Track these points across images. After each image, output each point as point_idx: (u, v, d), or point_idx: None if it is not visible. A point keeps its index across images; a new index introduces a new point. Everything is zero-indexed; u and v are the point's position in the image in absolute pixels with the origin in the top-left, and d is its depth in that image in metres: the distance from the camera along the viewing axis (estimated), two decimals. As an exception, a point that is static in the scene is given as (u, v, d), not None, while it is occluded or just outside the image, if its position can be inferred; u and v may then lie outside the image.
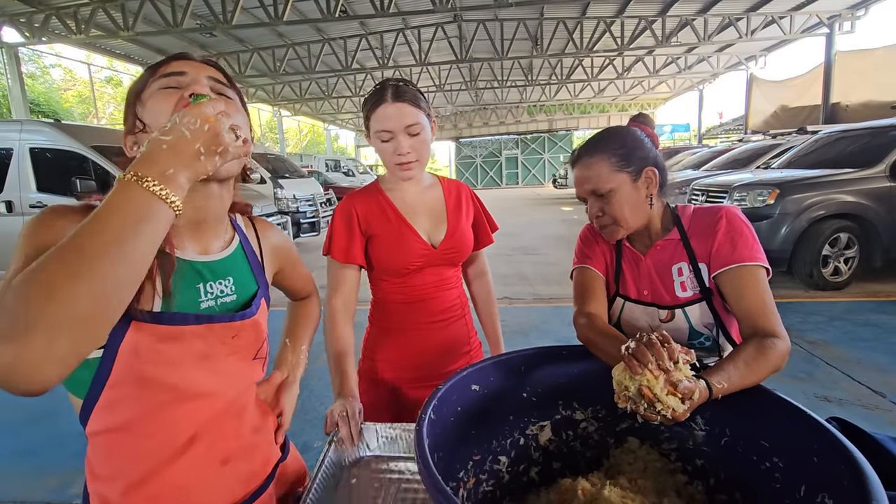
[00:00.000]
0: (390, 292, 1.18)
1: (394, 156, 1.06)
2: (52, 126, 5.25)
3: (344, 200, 1.17)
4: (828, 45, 10.86)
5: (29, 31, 9.18)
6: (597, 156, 0.95)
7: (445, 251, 1.16)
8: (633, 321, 1.03)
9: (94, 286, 0.43)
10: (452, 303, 1.22)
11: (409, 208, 1.16)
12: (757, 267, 0.88)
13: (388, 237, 1.12)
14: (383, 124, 1.04)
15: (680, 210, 1.01)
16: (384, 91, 1.04)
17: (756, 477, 0.68)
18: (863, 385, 2.63)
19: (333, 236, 1.13)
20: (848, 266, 4.42)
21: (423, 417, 0.65)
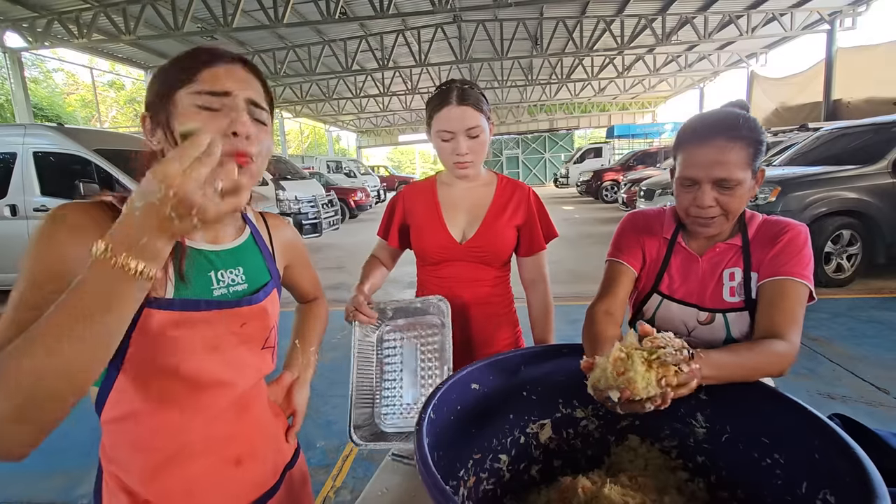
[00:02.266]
0: (424, 277, 1.30)
1: (452, 155, 1.12)
2: (55, 130, 5.27)
3: (401, 191, 1.32)
4: (829, 42, 10.83)
5: (32, 35, 9.23)
6: (738, 142, 0.85)
7: (471, 248, 1.20)
8: (668, 320, 1.00)
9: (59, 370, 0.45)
10: (487, 298, 1.25)
11: (450, 202, 1.23)
12: (801, 284, 0.86)
13: (421, 225, 1.23)
14: (446, 125, 1.10)
15: (748, 217, 0.96)
16: (450, 93, 1.09)
17: (757, 474, 0.67)
18: (866, 382, 2.62)
19: (382, 219, 1.32)
20: (851, 263, 4.40)
21: (422, 417, 0.65)
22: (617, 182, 13.16)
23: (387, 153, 48.09)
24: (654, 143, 19.71)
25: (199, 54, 0.66)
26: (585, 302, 0.99)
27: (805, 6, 10.91)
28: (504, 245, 1.22)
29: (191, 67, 0.65)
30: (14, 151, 5.06)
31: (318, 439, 2.34)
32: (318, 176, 12.51)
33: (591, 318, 0.93)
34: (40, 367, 0.45)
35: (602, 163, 17.69)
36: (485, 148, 1.15)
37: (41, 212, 5.00)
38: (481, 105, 1.11)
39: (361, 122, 27.67)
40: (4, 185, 5.03)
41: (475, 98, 1.10)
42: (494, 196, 1.24)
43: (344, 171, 16.22)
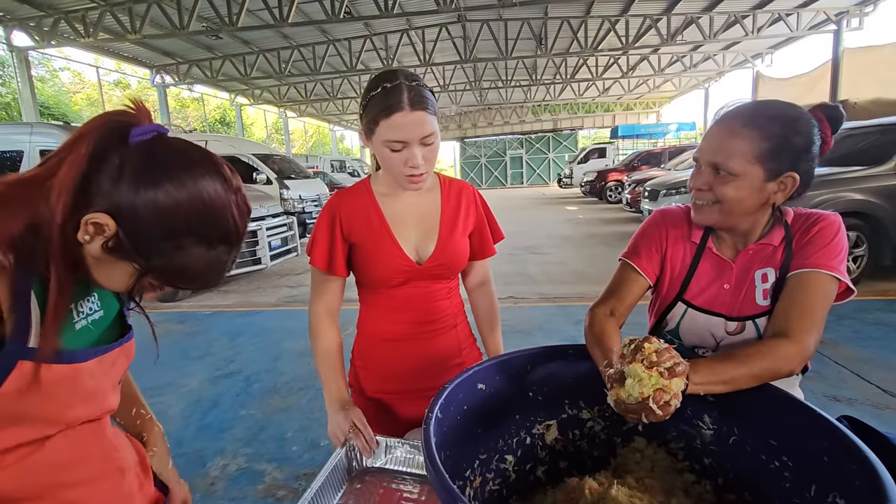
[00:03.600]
0: (374, 302, 1.12)
1: (404, 167, 0.94)
2: (61, 128, 5.31)
3: (331, 200, 1.08)
4: (835, 42, 10.77)
5: (38, 34, 9.29)
6: (748, 129, 0.79)
7: (432, 268, 1.07)
8: (695, 329, 0.94)
9: None
10: (442, 314, 1.13)
11: (397, 216, 1.06)
12: (826, 276, 0.79)
13: (369, 248, 1.04)
14: (397, 134, 0.91)
15: (784, 213, 0.89)
16: (399, 94, 0.89)
17: (765, 476, 0.67)
18: (872, 384, 2.60)
19: (315, 242, 1.06)
20: (857, 265, 4.38)
21: (429, 416, 0.65)
22: (621, 182, 13.12)
23: (390, 153, 47.95)
24: (659, 143, 19.66)
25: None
26: (589, 303, 0.98)
27: (811, 6, 10.85)
28: (463, 257, 1.11)
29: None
30: (21, 149, 5.10)
31: (322, 438, 2.35)
32: (322, 175, 12.54)
33: (593, 319, 0.90)
34: None
35: (606, 163, 17.66)
36: (437, 154, 0.99)
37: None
38: (434, 106, 0.95)
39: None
40: (11, 184, 5.06)
41: (428, 100, 0.93)
42: (442, 203, 1.10)
43: (348, 170, 16.27)
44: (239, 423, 2.53)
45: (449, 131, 28.52)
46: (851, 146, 4.89)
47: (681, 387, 0.64)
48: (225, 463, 2.18)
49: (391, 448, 0.96)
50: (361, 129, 0.98)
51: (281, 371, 3.15)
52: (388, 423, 1.14)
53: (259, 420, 2.57)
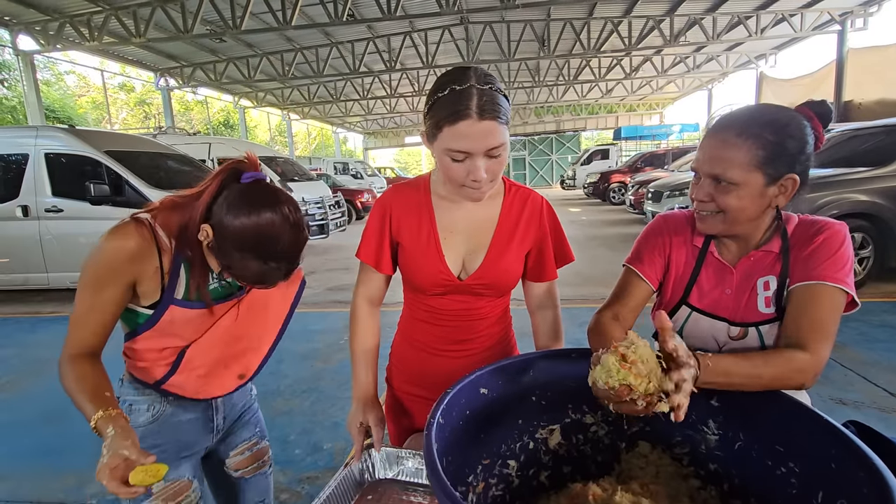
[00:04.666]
0: (414, 306, 1.09)
1: (466, 178, 0.86)
2: (66, 132, 5.34)
3: (386, 193, 1.05)
4: (840, 43, 10.73)
5: (44, 38, 9.36)
6: (742, 139, 0.79)
7: (474, 285, 1.00)
8: (698, 333, 0.93)
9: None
10: (481, 332, 1.07)
11: (449, 223, 1.00)
12: (835, 289, 0.77)
13: (414, 252, 1.00)
14: (461, 143, 0.82)
15: (785, 219, 0.88)
16: (468, 99, 0.81)
17: (771, 482, 0.66)
18: (879, 387, 2.58)
19: (364, 236, 1.04)
20: (862, 266, 4.35)
21: (431, 422, 0.65)
22: (624, 184, 13.09)
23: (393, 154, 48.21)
24: (662, 144, 19.61)
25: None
26: (593, 305, 0.98)
27: (815, 7, 10.81)
28: (512, 279, 1.03)
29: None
30: (26, 153, 5.14)
31: (325, 441, 2.34)
32: (325, 177, 12.57)
33: (598, 322, 0.91)
34: (67, 390, 0.85)
35: (609, 164, 17.63)
36: (504, 165, 0.89)
37: (52, 212, 5.06)
38: (507, 114, 0.85)
39: (368, 123, 27.78)
40: (16, 186, 5.10)
41: (502, 107, 0.83)
42: (501, 214, 1.02)
43: (351, 172, 16.28)
44: (242, 426, 2.53)
45: (452, 133, 28.44)
46: (856, 147, 4.86)
47: (649, 390, 0.61)
48: (228, 465, 2.18)
49: (402, 459, 0.95)
50: (423, 130, 0.90)
51: (284, 374, 3.15)
52: (408, 423, 1.15)
53: (262, 422, 2.56)
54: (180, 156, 6.36)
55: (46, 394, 2.99)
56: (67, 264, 5.16)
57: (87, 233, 5.07)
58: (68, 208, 5.05)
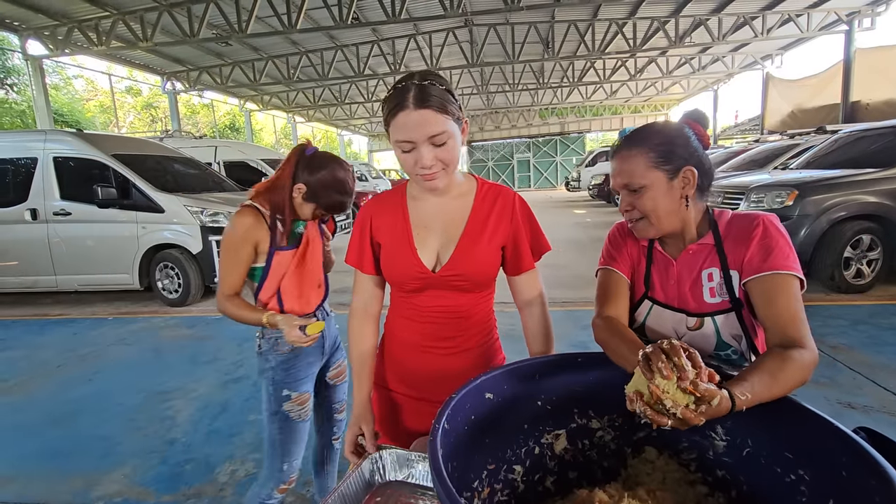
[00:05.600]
0: (398, 305, 1.13)
1: (416, 167, 0.93)
2: (74, 136, 5.39)
3: (367, 203, 1.14)
4: (847, 43, 10.64)
5: (53, 43, 9.46)
6: (635, 149, 0.92)
7: (446, 277, 1.02)
8: (659, 326, 1.01)
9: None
10: (463, 331, 1.09)
11: (423, 221, 1.05)
12: (790, 276, 0.84)
13: (389, 249, 1.06)
14: (403, 134, 0.89)
15: (717, 215, 0.98)
16: (405, 92, 0.88)
17: (781, 490, 0.65)
18: (888, 391, 2.55)
19: (350, 240, 1.13)
20: (871, 268, 4.30)
21: (436, 427, 0.65)
22: (629, 185, 12.99)
23: (398, 157, 48.19)
24: (667, 145, 19.45)
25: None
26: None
27: (822, 7, 10.74)
28: (485, 270, 1.04)
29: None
30: (35, 157, 5.19)
31: (329, 443, 2.34)
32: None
33: (608, 321, 0.93)
34: (232, 316, 1.39)
35: (614, 166, 17.49)
36: (456, 155, 0.94)
37: (60, 216, 5.10)
38: (446, 105, 0.89)
39: (373, 125, 27.85)
40: (26, 190, 5.15)
41: (438, 98, 0.88)
42: (472, 209, 1.05)
43: (356, 174, 16.32)
44: (248, 429, 2.53)
45: (456, 135, 28.48)
46: (864, 148, 4.82)
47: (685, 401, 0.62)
48: (234, 468, 2.19)
49: (412, 462, 0.95)
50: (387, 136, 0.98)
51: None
52: (403, 421, 1.17)
53: (267, 425, 2.57)
54: (187, 159, 6.40)
55: (54, 396, 3.02)
56: (75, 267, 5.20)
57: (94, 236, 5.11)
58: (76, 211, 5.10)
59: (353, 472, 0.88)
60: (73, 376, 3.36)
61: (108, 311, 5.16)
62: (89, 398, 2.95)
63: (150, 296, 5.46)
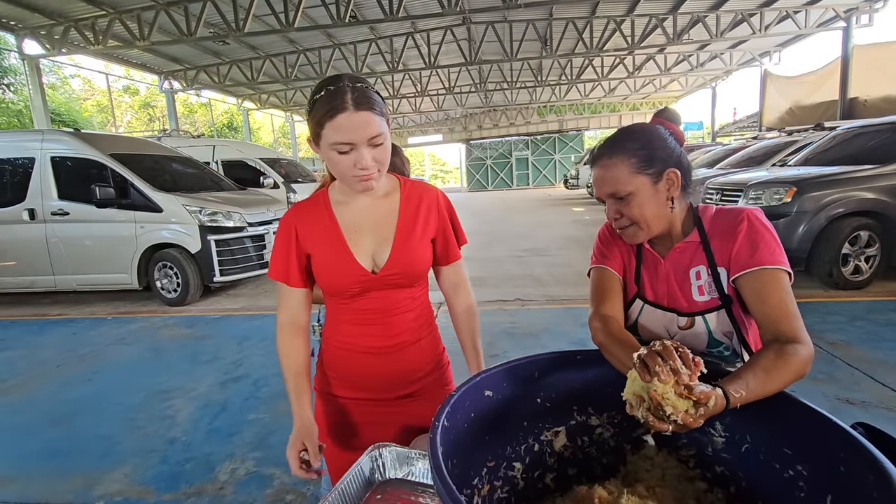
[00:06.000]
0: (336, 312, 1.11)
1: (353, 169, 0.93)
2: (71, 135, 5.38)
3: (288, 212, 1.08)
4: (845, 39, 10.64)
5: (49, 43, 9.43)
6: (616, 157, 0.92)
7: (388, 276, 1.04)
8: (651, 325, 1.00)
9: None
10: (407, 326, 1.10)
11: (352, 224, 1.05)
12: (778, 270, 0.84)
13: (325, 258, 1.04)
14: (343, 136, 0.89)
15: (701, 211, 0.98)
16: (342, 95, 0.88)
17: (779, 486, 0.66)
18: (887, 387, 2.56)
19: (273, 254, 1.08)
20: (869, 265, 4.31)
21: (436, 425, 0.65)
22: (628, 183, 12.99)
23: (396, 155, 48.07)
24: (666, 143, 19.46)
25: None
26: (595, 304, 0.99)
27: (820, 3, 10.74)
28: (422, 264, 1.08)
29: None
30: (32, 156, 5.18)
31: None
32: (329, 178, 12.57)
33: (604, 321, 0.92)
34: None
35: (612, 164, 17.49)
36: (388, 153, 0.97)
37: (58, 215, 5.09)
38: (381, 107, 0.93)
39: (371, 124, 27.75)
40: (23, 190, 5.14)
41: (374, 101, 0.91)
42: (400, 207, 1.07)
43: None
44: (247, 428, 2.54)
45: (455, 133, 28.53)
46: (862, 145, 4.82)
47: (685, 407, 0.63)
48: (234, 467, 2.19)
49: (412, 459, 0.95)
50: (309, 136, 0.96)
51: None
52: (358, 425, 1.15)
53: (267, 424, 2.57)
54: (185, 158, 6.39)
55: (53, 396, 3.02)
56: (74, 267, 5.19)
57: (92, 235, 5.11)
58: (74, 211, 5.09)
59: (352, 470, 0.88)
60: (72, 376, 3.36)
61: (107, 311, 5.16)
62: (89, 398, 2.95)
63: (149, 295, 5.45)
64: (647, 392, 0.65)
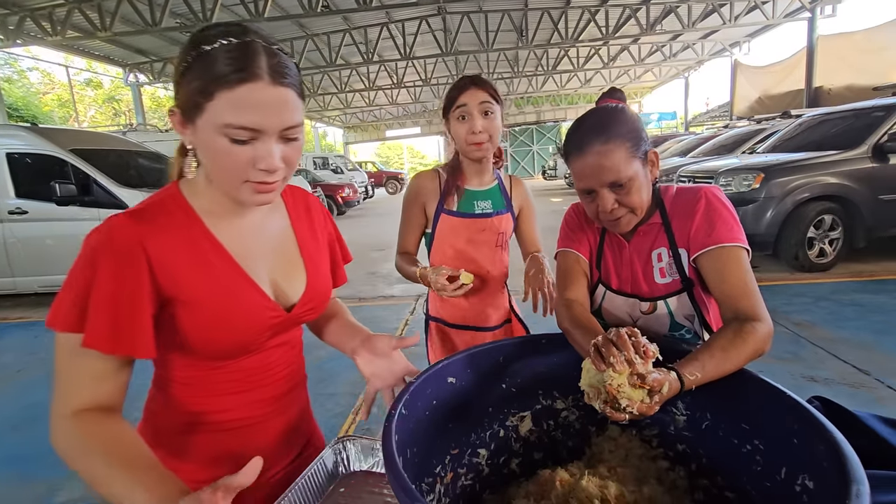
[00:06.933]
0: (204, 383, 0.75)
1: (251, 169, 0.63)
2: (28, 130, 5.12)
3: (118, 227, 0.64)
4: (810, 30, 10.94)
5: (3, 33, 8.96)
6: (612, 142, 0.84)
7: (301, 314, 0.79)
8: (614, 310, 1.00)
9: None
10: (298, 371, 0.89)
11: (241, 248, 0.73)
12: (737, 248, 0.84)
13: (214, 301, 0.68)
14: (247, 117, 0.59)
15: (662, 191, 0.96)
16: (254, 56, 0.59)
17: (737, 460, 0.66)
18: (848, 364, 2.65)
19: (91, 302, 0.61)
20: (832, 247, 4.47)
21: (392, 414, 0.63)
22: (604, 173, 13.16)
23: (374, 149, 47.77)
24: (641, 133, 19.79)
25: None
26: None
27: (786, -6, 11.00)
28: (330, 292, 0.87)
29: None
30: (-13, 152, 4.92)
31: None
32: (305, 173, 12.38)
33: (568, 307, 0.91)
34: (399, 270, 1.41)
35: (589, 154, 17.73)
36: (300, 155, 0.70)
37: (16, 214, 4.87)
38: (302, 90, 0.67)
39: (348, 117, 27.44)
40: (-23, 188, 4.88)
41: (295, 75, 0.65)
42: (292, 221, 0.83)
43: (331, 167, 16.07)
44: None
45: (433, 126, 28.40)
46: (826, 131, 4.97)
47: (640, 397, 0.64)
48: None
49: (376, 451, 0.93)
50: (176, 105, 0.64)
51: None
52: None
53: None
54: (152, 153, 6.17)
55: (14, 401, 2.89)
56: (35, 268, 4.97)
57: (54, 235, 4.89)
58: (33, 210, 4.86)
59: (315, 463, 0.85)
60: (33, 380, 3.22)
61: (73, 313, 4.96)
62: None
63: (118, 295, 5.27)
64: (603, 385, 0.64)
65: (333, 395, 2.74)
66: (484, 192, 1.39)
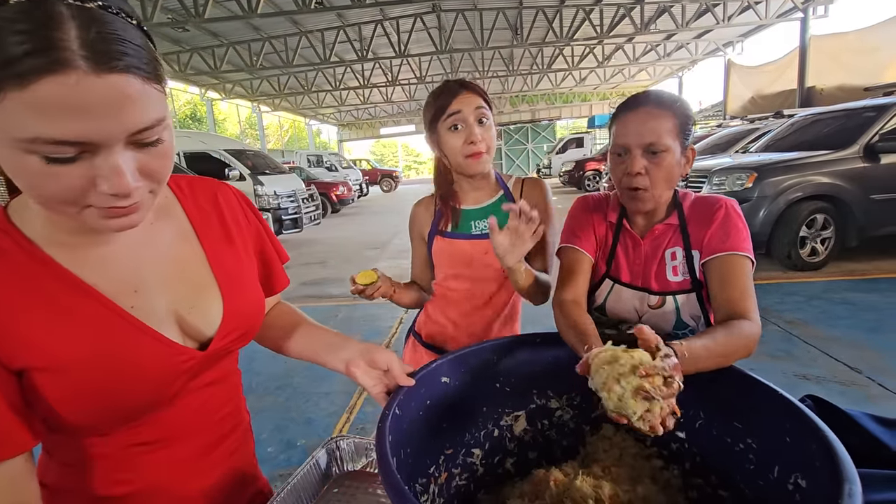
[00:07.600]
0: (103, 457, 0.59)
1: (93, 193, 0.43)
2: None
3: None
4: (802, 30, 11.01)
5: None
6: (666, 110, 0.89)
7: (223, 347, 0.63)
8: (620, 306, 1.01)
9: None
10: (229, 410, 0.72)
11: (118, 279, 0.56)
12: (744, 258, 0.88)
13: (82, 361, 0.51)
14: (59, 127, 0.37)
15: (682, 196, 0.99)
16: (56, 31, 0.33)
17: (731, 459, 0.66)
18: (840, 362, 2.68)
19: None
20: (825, 246, 4.50)
21: (386, 414, 0.62)
22: (599, 171, 13.25)
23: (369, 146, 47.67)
24: (635, 132, 19.87)
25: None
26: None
27: (779, -6, 11.07)
28: (262, 309, 0.71)
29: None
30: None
31: (298, 438, 2.30)
32: (299, 170, 12.31)
33: (563, 308, 0.91)
34: None
35: (584, 152, 17.81)
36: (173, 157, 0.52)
37: None
38: (150, 60, 0.44)
39: (342, 115, 27.33)
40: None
41: (131, 43, 0.42)
42: (195, 227, 0.65)
43: (325, 164, 16.01)
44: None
45: (427, 124, 28.30)
46: (818, 131, 5.01)
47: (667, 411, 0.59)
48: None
49: (370, 451, 0.92)
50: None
51: (256, 371, 3.09)
52: None
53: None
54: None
55: None
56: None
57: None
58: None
59: (308, 463, 0.85)
60: None
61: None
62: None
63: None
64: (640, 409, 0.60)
65: (328, 393, 2.73)
66: (481, 210, 1.20)
